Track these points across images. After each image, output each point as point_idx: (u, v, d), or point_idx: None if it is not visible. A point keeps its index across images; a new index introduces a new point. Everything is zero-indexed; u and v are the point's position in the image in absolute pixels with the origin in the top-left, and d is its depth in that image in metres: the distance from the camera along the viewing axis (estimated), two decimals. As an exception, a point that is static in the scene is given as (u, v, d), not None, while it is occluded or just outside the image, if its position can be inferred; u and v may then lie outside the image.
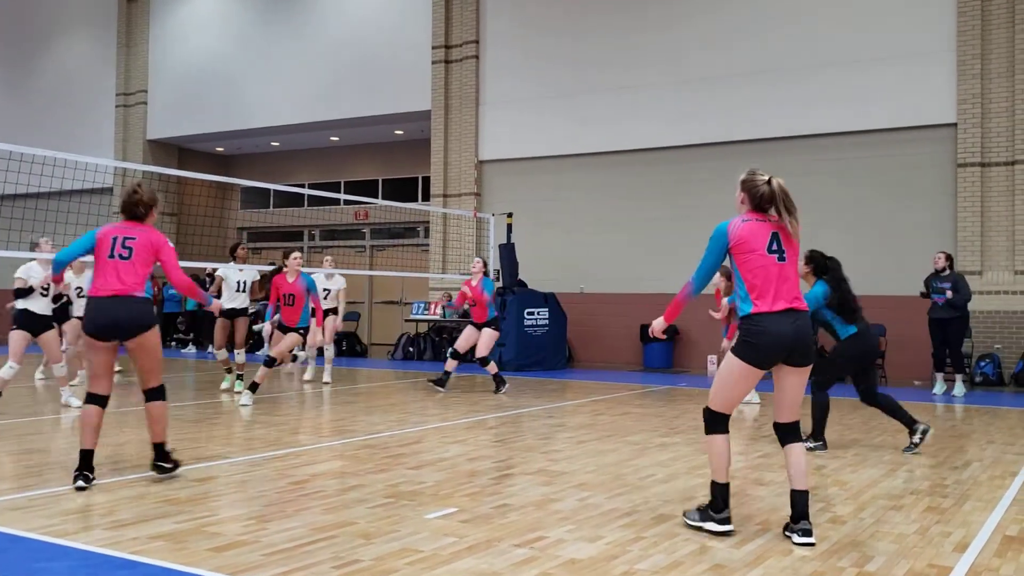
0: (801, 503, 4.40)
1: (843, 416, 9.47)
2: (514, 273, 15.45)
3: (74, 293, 10.80)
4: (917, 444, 7.09)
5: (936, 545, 4.42)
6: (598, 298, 16.70)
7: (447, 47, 18.40)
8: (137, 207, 5.70)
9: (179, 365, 15.53)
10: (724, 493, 4.47)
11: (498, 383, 11.39)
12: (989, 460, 6.87)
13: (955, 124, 13.85)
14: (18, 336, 8.79)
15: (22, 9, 24.69)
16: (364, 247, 22.19)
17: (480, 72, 18.13)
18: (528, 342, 15.09)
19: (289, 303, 9.96)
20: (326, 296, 12.25)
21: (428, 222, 19.14)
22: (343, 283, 12.68)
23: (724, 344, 10.56)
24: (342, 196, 18.43)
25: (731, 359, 4.46)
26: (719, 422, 4.52)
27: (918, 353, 13.35)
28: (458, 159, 18.27)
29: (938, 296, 11.81)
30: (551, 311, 15.56)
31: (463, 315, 11.87)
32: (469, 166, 18.12)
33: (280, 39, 20.59)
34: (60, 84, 23.94)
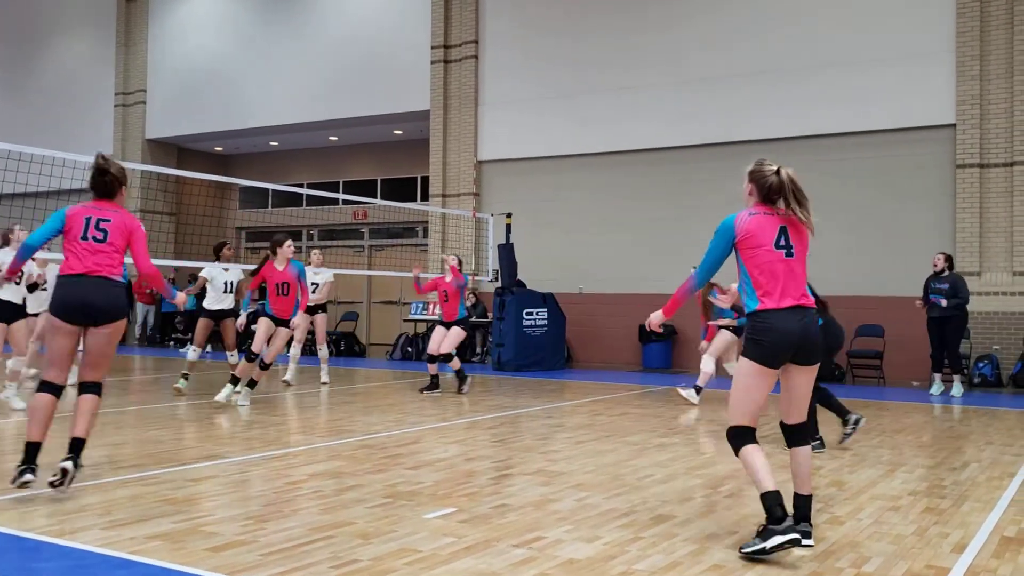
0: (804, 506, 4.37)
1: (841, 417, 9.47)
2: (513, 273, 15.45)
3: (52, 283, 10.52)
4: (849, 434, 7.35)
5: (934, 546, 4.42)
6: (597, 298, 16.71)
7: (446, 47, 18.40)
8: (108, 183, 5.36)
9: (177, 365, 15.49)
10: (778, 500, 4.16)
11: (460, 380, 11.15)
12: (987, 461, 6.87)
13: (954, 125, 13.85)
14: None
15: (21, 9, 24.67)
16: (363, 247, 22.19)
17: (479, 72, 18.13)
18: (527, 342, 15.09)
19: (284, 292, 9.46)
20: (314, 290, 11.96)
21: (427, 222, 19.14)
22: (331, 276, 12.43)
23: (703, 345, 10.47)
24: (341, 196, 18.42)
25: (741, 363, 4.33)
26: (744, 436, 4.29)
27: (916, 354, 13.36)
28: (457, 159, 18.27)
29: (935, 297, 11.82)
30: (550, 311, 15.56)
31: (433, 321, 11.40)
32: (468, 166, 18.12)
33: (279, 39, 20.59)
34: (59, 84, 23.93)
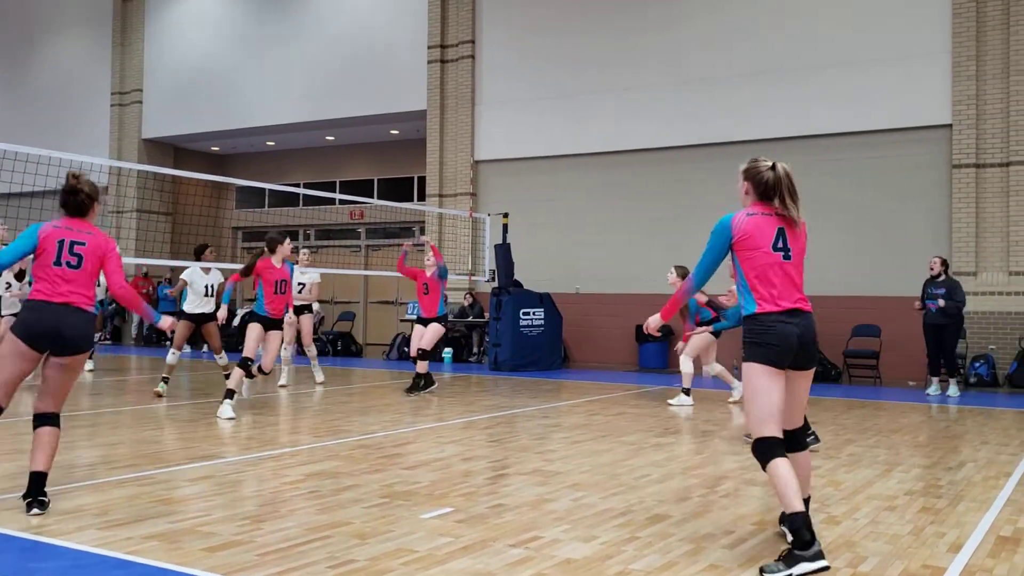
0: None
1: (837, 416, 9.49)
2: (509, 273, 15.45)
3: (1, 286, 10.37)
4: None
5: (930, 546, 4.43)
6: (593, 298, 16.71)
7: (443, 47, 18.39)
8: (82, 202, 5.08)
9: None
10: (806, 523, 3.86)
11: (426, 382, 11.01)
12: (983, 461, 6.88)
13: (950, 125, 13.88)
14: None
15: (17, 8, 24.64)
16: (359, 247, 22.18)
17: (476, 72, 18.13)
18: (523, 342, 15.09)
19: (281, 291, 9.23)
20: (300, 290, 11.84)
21: (424, 222, 19.13)
22: (317, 277, 12.31)
23: (679, 346, 10.42)
24: (337, 196, 18.42)
25: (748, 370, 4.13)
26: (772, 449, 4.03)
27: (913, 354, 13.39)
28: (454, 159, 18.27)
29: (931, 302, 11.84)
30: (546, 311, 15.56)
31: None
32: (465, 166, 18.11)
33: (275, 38, 20.57)
34: (55, 83, 23.90)
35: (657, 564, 4.05)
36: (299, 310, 11.82)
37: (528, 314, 15.26)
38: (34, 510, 4.69)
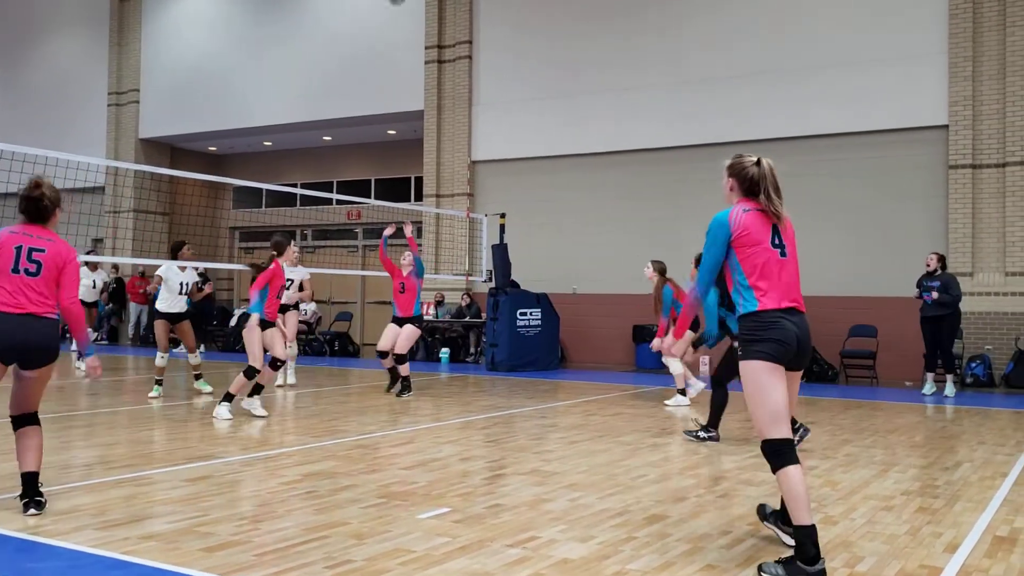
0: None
1: (834, 416, 9.50)
2: (507, 274, 15.45)
3: None
4: (699, 437, 7.65)
5: (927, 546, 4.44)
6: (591, 299, 16.72)
7: (440, 47, 18.39)
8: (44, 208, 4.97)
9: (170, 365, 15.45)
10: (813, 537, 3.79)
11: (404, 387, 10.82)
12: (980, 461, 6.90)
13: (947, 126, 13.90)
14: None
15: (14, 7, 24.60)
16: (356, 247, 22.17)
17: (473, 72, 18.13)
18: (521, 342, 15.10)
19: (280, 295, 9.20)
20: (288, 287, 11.44)
21: (421, 222, 19.13)
22: (306, 274, 12.01)
23: (655, 343, 10.33)
24: (335, 196, 18.39)
25: (748, 369, 3.97)
26: (783, 451, 3.89)
27: (909, 354, 13.41)
28: (451, 159, 18.27)
29: (926, 294, 11.85)
30: (544, 312, 15.57)
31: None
32: (462, 166, 18.12)
33: (273, 38, 20.56)
34: (52, 83, 23.86)
35: (654, 564, 4.05)
36: (283, 308, 11.44)
37: (525, 314, 15.26)
38: (31, 510, 4.68)
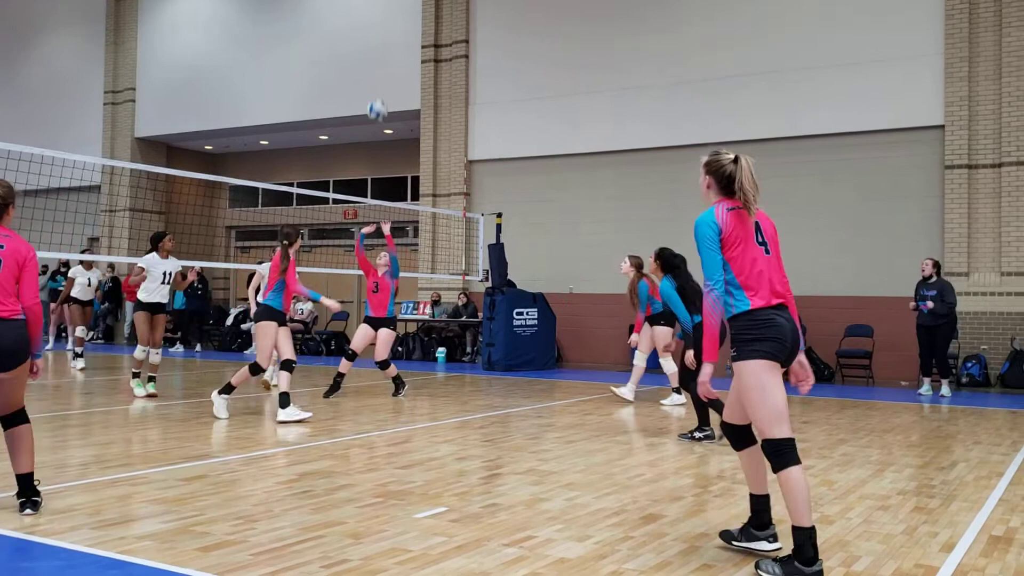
0: (765, 507, 4.21)
1: (830, 416, 9.51)
2: (503, 273, 15.45)
3: None
4: (695, 437, 7.67)
5: (923, 545, 4.44)
6: (587, 298, 16.72)
7: (437, 46, 18.39)
8: None
9: (167, 364, 15.46)
10: (812, 539, 3.77)
11: (398, 386, 10.82)
12: (975, 461, 6.91)
13: (942, 126, 13.92)
14: None
15: (10, 6, 24.55)
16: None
17: (470, 72, 18.12)
18: (517, 342, 15.10)
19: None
20: None
21: (417, 222, 19.12)
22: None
23: (633, 338, 10.27)
24: (331, 195, 18.38)
25: (746, 369, 3.90)
26: (785, 451, 3.84)
27: (905, 354, 13.44)
28: (447, 159, 18.26)
29: (922, 304, 11.88)
30: (540, 311, 15.57)
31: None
32: (459, 166, 18.11)
33: (269, 37, 20.54)
34: (48, 81, 23.81)
35: (651, 564, 4.05)
36: None
37: (522, 314, 15.26)
38: (27, 510, 4.66)
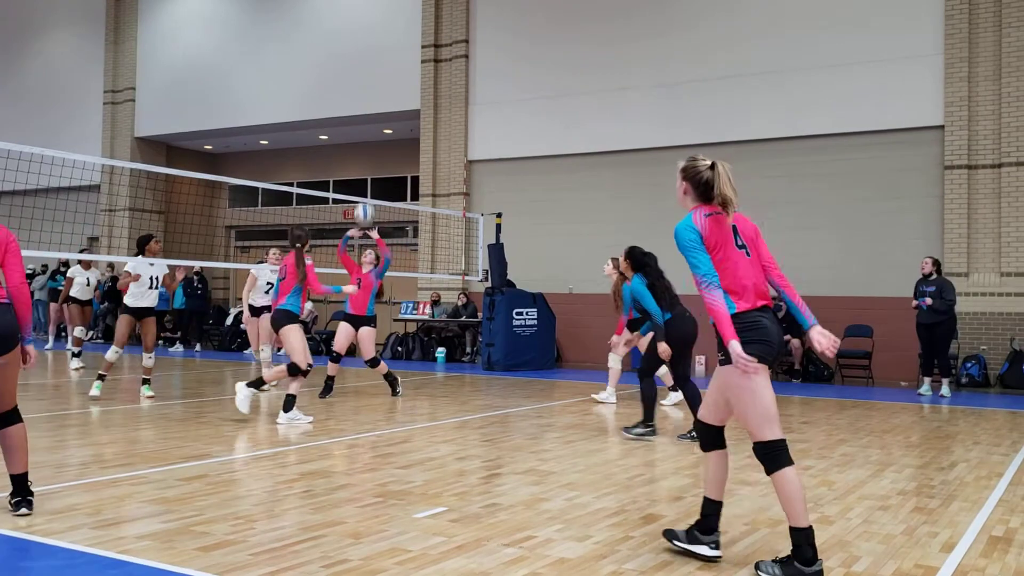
0: (716, 513, 4.19)
1: (830, 416, 9.51)
2: (503, 273, 15.45)
3: None
4: (637, 434, 7.73)
5: (923, 545, 4.44)
6: (586, 298, 16.71)
7: (436, 46, 18.38)
8: None
9: (166, 364, 15.47)
10: (810, 539, 3.79)
11: (392, 384, 10.71)
12: (975, 461, 6.91)
13: (942, 127, 13.92)
14: None
15: (10, 6, 24.55)
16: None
17: (470, 72, 18.12)
18: (516, 342, 15.10)
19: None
20: (268, 291, 11.35)
21: (417, 222, 19.12)
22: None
23: (614, 339, 10.25)
24: (331, 195, 18.36)
25: (736, 374, 3.87)
26: (778, 453, 3.85)
27: (905, 354, 13.45)
28: (447, 159, 18.26)
29: (921, 300, 11.88)
30: (539, 311, 15.57)
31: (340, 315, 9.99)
32: (458, 166, 18.11)
33: (269, 37, 20.54)
34: (48, 81, 23.81)
35: (651, 564, 4.05)
36: (260, 311, 11.37)
37: (521, 314, 15.26)
38: (22, 509, 4.64)
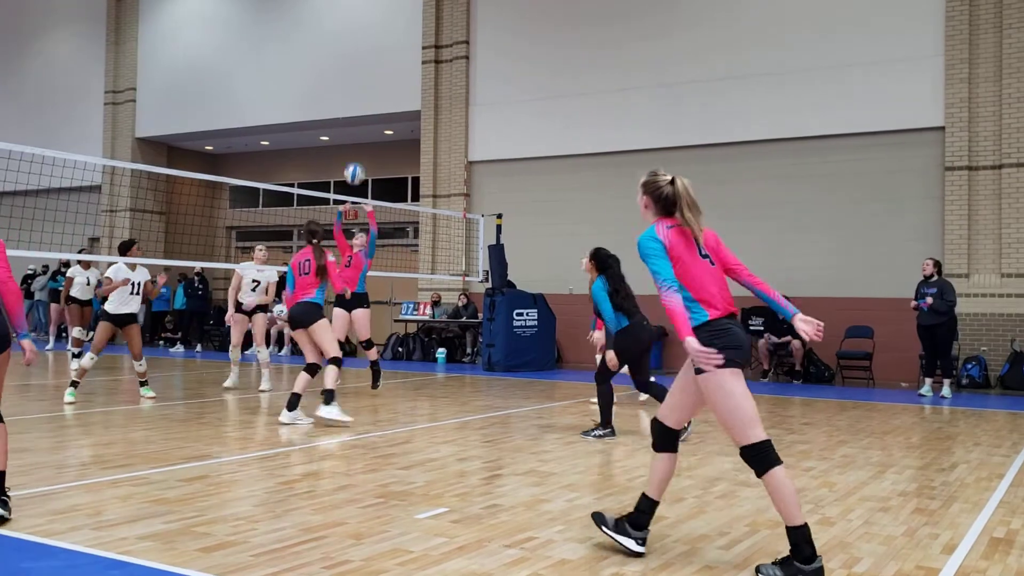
0: (652, 513, 4.22)
1: (831, 418, 9.52)
2: (503, 274, 15.45)
3: None
4: (596, 436, 7.64)
5: (924, 547, 4.44)
6: (587, 299, 16.63)
7: (437, 47, 18.39)
8: None
9: (167, 364, 15.47)
10: (807, 537, 3.80)
11: (375, 377, 10.52)
12: (976, 462, 6.91)
13: (943, 128, 13.92)
14: None
15: (10, 6, 24.55)
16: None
17: (470, 73, 18.12)
18: (517, 343, 15.10)
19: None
20: (255, 288, 11.20)
21: (418, 222, 19.12)
22: (275, 275, 11.53)
23: (596, 335, 10.25)
24: (331, 196, 18.38)
25: (715, 381, 3.90)
26: (765, 454, 3.87)
27: (905, 355, 13.45)
28: (448, 160, 18.26)
29: (921, 301, 11.88)
30: (540, 312, 15.58)
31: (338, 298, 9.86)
32: (459, 167, 18.11)
33: (270, 38, 20.54)
34: (48, 81, 23.82)
35: (652, 565, 4.06)
36: (253, 311, 11.28)
37: (522, 315, 15.26)
38: (4, 507, 4.53)
